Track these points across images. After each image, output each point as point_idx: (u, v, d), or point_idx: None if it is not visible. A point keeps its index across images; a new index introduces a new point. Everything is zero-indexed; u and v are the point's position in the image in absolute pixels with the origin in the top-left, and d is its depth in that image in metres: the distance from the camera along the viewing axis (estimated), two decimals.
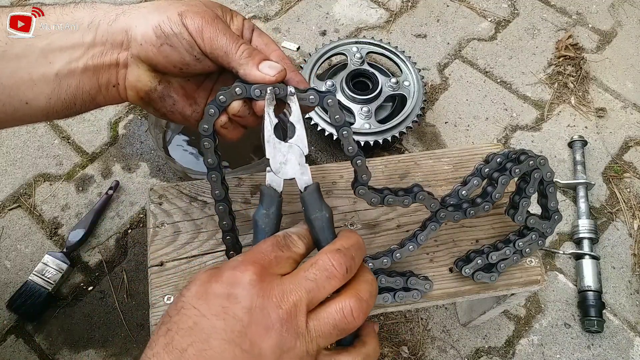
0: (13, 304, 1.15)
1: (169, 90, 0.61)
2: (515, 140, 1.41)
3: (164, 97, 0.61)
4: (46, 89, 0.55)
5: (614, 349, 1.15)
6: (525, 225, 0.73)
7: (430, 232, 0.69)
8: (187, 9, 0.56)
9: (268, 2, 1.67)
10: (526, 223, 0.72)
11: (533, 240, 0.73)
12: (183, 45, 0.56)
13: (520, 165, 0.68)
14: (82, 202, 1.31)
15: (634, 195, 1.33)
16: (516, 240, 0.73)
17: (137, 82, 0.59)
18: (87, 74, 0.56)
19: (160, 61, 0.57)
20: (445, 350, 1.15)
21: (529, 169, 0.68)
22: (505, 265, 0.73)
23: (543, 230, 0.73)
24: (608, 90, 1.50)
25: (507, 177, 0.68)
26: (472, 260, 0.72)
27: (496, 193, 0.69)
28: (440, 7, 1.66)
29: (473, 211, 0.69)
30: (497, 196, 0.69)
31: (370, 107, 1.29)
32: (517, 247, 0.73)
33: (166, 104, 0.62)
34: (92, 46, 0.55)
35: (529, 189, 0.69)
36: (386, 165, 0.84)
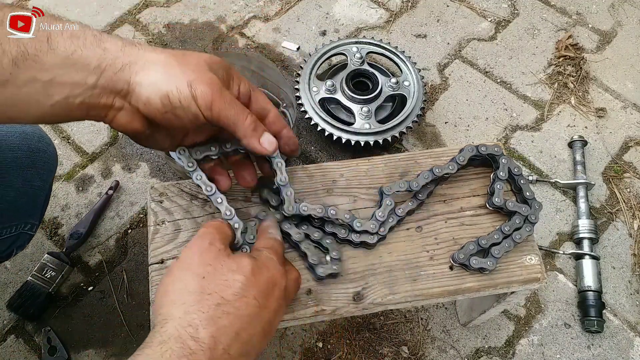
0: (13, 304, 1.15)
1: (155, 133, 0.64)
2: (515, 140, 1.41)
3: (148, 137, 0.64)
4: (37, 112, 0.56)
5: (614, 349, 1.15)
6: (508, 210, 0.77)
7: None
8: (196, 77, 0.57)
9: (268, 2, 1.67)
10: (506, 206, 0.76)
11: (517, 224, 0.76)
12: (188, 116, 0.58)
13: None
14: (82, 202, 1.31)
15: (634, 195, 1.33)
16: (502, 225, 0.76)
17: (127, 124, 0.60)
18: (81, 108, 0.57)
19: (160, 122, 0.59)
20: (445, 350, 1.15)
21: (492, 152, 0.79)
22: (499, 251, 0.74)
23: (525, 215, 0.76)
24: (608, 90, 1.50)
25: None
26: (464, 247, 0.74)
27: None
28: (440, 7, 1.66)
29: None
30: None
31: (370, 107, 1.30)
32: (505, 232, 0.75)
33: (148, 140, 0.65)
34: (93, 88, 0.56)
35: (499, 172, 0.77)
36: (386, 164, 0.84)
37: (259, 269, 0.57)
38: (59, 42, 0.53)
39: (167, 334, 0.50)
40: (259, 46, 1.58)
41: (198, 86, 0.57)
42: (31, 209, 0.92)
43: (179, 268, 0.57)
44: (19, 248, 0.93)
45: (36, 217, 0.94)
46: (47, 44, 0.53)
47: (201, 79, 0.57)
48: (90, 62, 0.55)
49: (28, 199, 0.90)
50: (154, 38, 1.58)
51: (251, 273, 0.56)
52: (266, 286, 0.57)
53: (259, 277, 0.57)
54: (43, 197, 0.95)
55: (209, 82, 0.57)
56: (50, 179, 0.96)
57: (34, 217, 0.93)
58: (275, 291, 0.58)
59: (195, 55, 0.60)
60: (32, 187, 0.90)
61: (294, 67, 1.52)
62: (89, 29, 0.56)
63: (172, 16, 1.63)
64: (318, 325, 1.17)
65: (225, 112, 0.59)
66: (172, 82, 0.56)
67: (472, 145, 0.79)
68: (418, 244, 0.78)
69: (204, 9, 1.65)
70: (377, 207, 0.77)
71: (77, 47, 0.54)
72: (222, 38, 1.59)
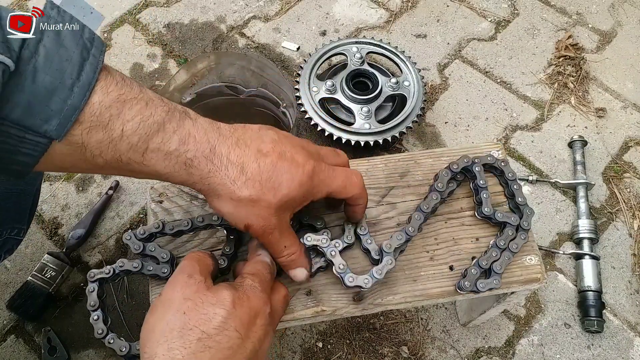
0: (13, 304, 1.15)
1: None
2: (515, 140, 1.41)
3: None
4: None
5: (614, 349, 1.15)
6: (498, 222, 0.77)
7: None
8: (254, 224, 0.61)
9: (268, 2, 1.67)
10: (495, 217, 0.76)
11: (510, 235, 0.75)
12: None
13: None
14: (82, 202, 1.31)
15: (634, 195, 1.33)
16: (497, 240, 0.75)
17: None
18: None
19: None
20: (445, 350, 1.15)
21: (466, 165, 0.78)
22: (501, 265, 0.73)
23: (514, 224, 0.76)
24: (608, 90, 1.50)
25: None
26: (467, 274, 0.73)
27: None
28: (440, 7, 1.66)
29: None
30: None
31: (370, 107, 1.29)
32: (500, 246, 0.74)
33: None
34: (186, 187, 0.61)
35: (479, 181, 0.77)
36: (386, 164, 0.84)
37: (240, 300, 0.57)
38: (152, 159, 0.55)
39: None
40: (259, 46, 1.58)
41: (253, 229, 0.61)
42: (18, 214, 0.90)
43: (161, 304, 0.57)
44: (7, 253, 0.91)
45: (23, 222, 0.92)
46: (142, 158, 0.54)
47: (259, 224, 0.61)
48: (173, 179, 0.58)
49: (13, 203, 0.88)
50: (153, 38, 1.58)
51: (231, 305, 0.55)
52: (248, 317, 0.56)
53: (239, 308, 0.56)
54: (30, 200, 0.93)
55: (264, 227, 0.61)
56: (37, 182, 0.94)
57: (21, 221, 0.91)
58: (258, 320, 0.57)
59: (271, 195, 0.60)
60: (18, 191, 0.88)
61: (294, 67, 1.52)
62: (186, 149, 0.56)
63: (172, 16, 1.63)
64: (318, 325, 1.17)
65: (266, 246, 0.65)
66: (233, 220, 0.61)
67: (447, 170, 0.78)
68: (418, 244, 0.78)
69: (204, 9, 1.65)
70: (375, 265, 0.73)
71: (166, 167, 0.56)
72: (222, 38, 1.59)
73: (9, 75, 0.46)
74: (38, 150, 0.49)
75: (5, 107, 0.46)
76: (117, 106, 0.51)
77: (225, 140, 0.59)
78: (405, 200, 0.81)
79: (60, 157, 0.51)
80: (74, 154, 0.52)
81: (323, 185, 0.64)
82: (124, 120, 0.52)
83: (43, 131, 0.48)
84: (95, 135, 0.51)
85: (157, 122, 0.54)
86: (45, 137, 0.48)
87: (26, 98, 0.47)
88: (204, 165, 0.57)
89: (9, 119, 0.47)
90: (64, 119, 0.48)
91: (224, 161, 0.58)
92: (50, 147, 0.50)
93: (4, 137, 0.47)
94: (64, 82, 0.48)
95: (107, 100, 0.50)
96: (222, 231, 0.78)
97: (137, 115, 0.52)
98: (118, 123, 0.51)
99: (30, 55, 0.47)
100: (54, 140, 0.49)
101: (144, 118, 0.53)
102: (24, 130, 0.48)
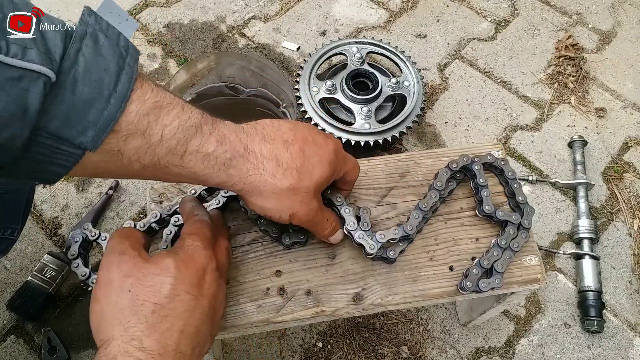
0: (13, 304, 1.15)
1: None
2: (515, 140, 1.41)
3: None
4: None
5: (614, 349, 1.15)
6: (499, 220, 0.77)
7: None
8: (299, 210, 0.63)
9: (268, 2, 1.67)
10: (496, 215, 0.76)
11: (511, 234, 0.75)
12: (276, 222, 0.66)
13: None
14: (82, 202, 1.31)
15: (634, 195, 1.33)
16: (498, 239, 0.75)
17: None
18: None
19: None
20: (445, 350, 1.15)
21: (465, 163, 0.79)
22: (503, 264, 0.73)
23: (516, 222, 0.76)
24: (608, 90, 1.50)
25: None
26: (469, 274, 0.73)
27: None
28: (440, 7, 1.66)
29: None
30: None
31: (370, 107, 1.29)
32: (502, 245, 0.74)
33: None
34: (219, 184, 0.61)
35: (479, 179, 0.77)
36: (386, 165, 0.84)
37: (184, 263, 0.57)
38: (191, 161, 0.55)
39: (112, 353, 0.50)
40: (259, 46, 1.58)
41: (298, 217, 0.63)
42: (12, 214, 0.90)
43: (101, 290, 0.56)
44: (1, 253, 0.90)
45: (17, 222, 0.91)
46: (180, 160, 0.55)
47: (303, 211, 0.63)
48: (211, 181, 0.59)
49: (7, 203, 0.88)
50: (153, 38, 1.58)
51: (176, 270, 0.55)
52: (196, 277, 0.57)
53: (185, 271, 0.56)
54: (24, 200, 0.92)
55: (308, 212, 0.64)
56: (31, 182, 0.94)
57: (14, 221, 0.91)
58: (207, 277, 0.58)
59: (308, 179, 0.62)
60: (11, 191, 0.88)
61: (294, 67, 1.52)
62: (224, 150, 0.57)
63: (172, 16, 1.63)
64: (318, 325, 1.17)
65: (311, 228, 0.68)
66: (277, 213, 0.63)
67: (445, 169, 0.79)
68: (418, 244, 0.78)
69: (204, 9, 1.65)
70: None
71: (205, 168, 0.56)
72: (222, 38, 1.59)
73: (50, 86, 0.45)
74: (71, 161, 0.49)
75: (44, 119, 0.45)
76: (155, 112, 0.51)
77: (253, 138, 0.60)
78: (405, 201, 0.81)
79: (94, 164, 0.51)
80: (109, 161, 0.52)
81: (343, 162, 0.67)
82: (163, 125, 0.52)
83: (78, 143, 0.47)
84: (132, 142, 0.51)
85: (194, 125, 0.54)
86: (80, 148, 0.48)
87: (65, 110, 0.46)
88: (242, 164, 0.58)
89: (45, 130, 0.46)
90: (99, 131, 0.48)
91: (259, 157, 0.59)
92: (84, 157, 0.49)
93: (38, 148, 0.47)
94: (102, 93, 0.47)
95: (144, 108, 0.51)
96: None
97: (175, 119, 0.53)
98: (157, 128, 0.52)
99: (71, 66, 0.46)
100: (88, 151, 0.49)
101: (181, 122, 0.53)
102: (59, 142, 0.47)
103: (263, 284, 0.74)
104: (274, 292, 0.73)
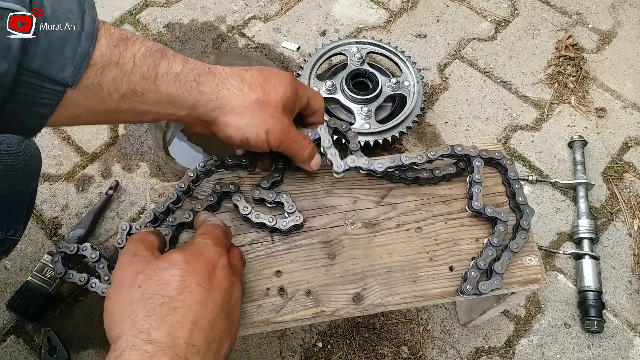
0: (13, 304, 1.15)
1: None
2: (515, 140, 1.41)
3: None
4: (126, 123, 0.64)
5: (614, 349, 1.15)
6: (488, 217, 0.77)
7: None
8: (273, 125, 0.67)
9: (268, 2, 1.67)
10: (485, 212, 0.77)
11: (502, 232, 0.75)
12: (257, 149, 0.70)
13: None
14: (82, 202, 1.31)
15: (634, 195, 1.33)
16: (491, 238, 0.75)
17: (197, 130, 0.71)
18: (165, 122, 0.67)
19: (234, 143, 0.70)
20: (445, 350, 1.15)
21: (469, 152, 0.79)
22: (502, 266, 0.73)
23: (505, 219, 0.76)
24: (608, 90, 1.50)
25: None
26: (468, 277, 0.73)
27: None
28: (440, 7, 1.66)
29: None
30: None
31: (370, 107, 1.29)
32: (494, 244, 0.75)
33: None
34: (182, 117, 0.65)
35: (475, 175, 0.78)
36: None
37: (194, 257, 0.57)
38: (163, 83, 0.60)
39: (121, 348, 0.50)
40: (259, 46, 1.58)
41: (273, 133, 0.67)
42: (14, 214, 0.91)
43: (113, 289, 0.57)
44: (4, 254, 0.91)
45: (19, 222, 0.92)
46: (154, 85, 0.59)
47: (277, 126, 0.67)
48: (186, 102, 0.63)
49: (10, 204, 0.89)
50: (154, 38, 1.58)
51: (185, 263, 0.56)
52: (206, 270, 0.57)
53: (194, 264, 0.56)
54: (26, 201, 0.93)
55: (282, 127, 0.68)
56: (33, 182, 0.94)
57: (17, 222, 0.92)
58: (218, 271, 0.58)
59: (274, 94, 0.67)
60: (13, 191, 0.89)
61: (294, 67, 1.52)
62: (190, 68, 0.62)
63: (172, 16, 1.63)
64: (318, 325, 1.17)
65: (289, 148, 0.71)
66: (253, 130, 0.67)
67: (448, 145, 0.80)
68: (418, 244, 0.78)
69: (204, 9, 1.65)
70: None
71: (178, 88, 0.61)
72: (222, 38, 1.59)
73: None
74: (54, 99, 0.53)
75: (26, 58, 0.50)
76: (123, 43, 0.56)
77: (213, 65, 0.66)
78: (405, 201, 0.81)
79: (76, 103, 0.55)
80: (90, 95, 0.55)
81: (302, 87, 0.72)
82: (133, 52, 0.57)
83: (60, 79, 0.52)
84: (109, 73, 0.55)
85: (159, 50, 0.60)
86: (61, 84, 0.52)
87: (43, 48, 0.51)
88: (210, 80, 0.64)
89: (29, 68, 0.50)
90: (77, 66, 0.52)
91: (224, 75, 0.65)
92: (66, 95, 0.53)
93: (23, 88, 0.51)
94: (72, 32, 0.53)
95: (113, 40, 0.56)
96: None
97: (142, 47, 0.58)
98: (128, 57, 0.56)
99: (40, 7, 0.51)
100: (69, 87, 0.53)
101: (147, 48, 0.58)
102: (43, 80, 0.51)
103: (263, 284, 0.74)
104: (274, 293, 0.73)
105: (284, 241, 0.77)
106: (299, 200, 0.80)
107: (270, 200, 0.77)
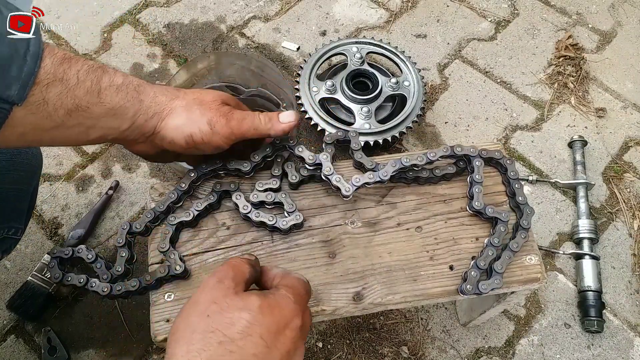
0: (13, 304, 1.15)
1: (165, 154, 0.75)
2: (515, 140, 1.41)
3: (157, 157, 0.76)
4: (75, 143, 0.70)
5: (614, 349, 1.15)
6: (489, 217, 0.77)
7: None
8: (214, 114, 0.69)
9: (268, 2, 1.67)
10: (485, 212, 0.77)
11: (502, 232, 0.75)
12: (210, 148, 0.71)
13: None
14: (82, 202, 1.31)
15: (634, 195, 1.33)
16: (491, 238, 0.75)
17: (144, 151, 0.73)
18: (111, 141, 0.69)
19: (183, 153, 0.72)
20: (445, 350, 1.15)
21: (469, 153, 0.80)
22: (502, 265, 0.73)
23: (505, 219, 0.76)
24: (608, 90, 1.50)
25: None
26: (468, 277, 0.73)
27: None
28: (440, 7, 1.66)
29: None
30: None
31: (370, 107, 1.29)
32: (494, 244, 0.75)
33: (156, 159, 0.78)
34: (125, 131, 0.67)
35: (475, 175, 0.78)
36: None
37: (270, 308, 0.55)
38: (107, 96, 0.63)
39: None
40: (259, 46, 1.58)
41: (217, 121, 0.68)
42: (15, 213, 0.91)
43: (189, 306, 0.56)
44: (5, 253, 0.91)
45: (21, 221, 0.92)
46: (98, 98, 0.62)
47: (217, 114, 0.69)
48: (128, 112, 0.65)
49: (11, 203, 0.89)
50: (153, 38, 1.58)
51: (259, 311, 0.54)
52: (276, 326, 0.54)
53: (268, 316, 0.54)
54: (27, 199, 0.93)
55: (224, 114, 0.69)
56: (34, 181, 0.95)
57: (18, 221, 0.92)
58: (287, 331, 0.55)
59: (210, 95, 0.71)
60: (14, 190, 0.89)
61: (294, 67, 1.52)
62: (130, 81, 0.66)
63: (172, 16, 1.63)
64: (318, 325, 1.17)
65: (243, 128, 0.71)
66: (194, 125, 0.68)
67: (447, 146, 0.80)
68: (418, 244, 0.78)
69: (204, 9, 1.65)
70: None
71: (121, 99, 0.65)
72: (222, 38, 1.59)
73: None
74: (1, 117, 0.55)
75: None
76: (66, 62, 0.60)
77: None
78: (405, 200, 0.81)
79: (22, 121, 0.57)
80: (36, 112, 0.58)
81: (231, 99, 0.74)
82: (76, 69, 0.60)
83: (6, 97, 0.54)
84: (54, 89, 0.58)
85: (100, 67, 0.63)
86: (7, 102, 0.55)
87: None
88: (149, 89, 0.68)
89: None
90: (23, 84, 0.55)
91: (162, 85, 0.69)
92: (12, 113, 0.56)
93: None
94: (18, 52, 0.55)
95: (57, 59, 0.59)
96: (222, 230, 0.78)
97: (85, 64, 0.61)
98: (72, 73, 0.60)
99: None
100: (16, 105, 0.55)
101: (90, 66, 0.62)
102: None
103: None
104: None
105: (284, 240, 0.77)
106: (299, 200, 0.80)
107: (269, 202, 0.77)
